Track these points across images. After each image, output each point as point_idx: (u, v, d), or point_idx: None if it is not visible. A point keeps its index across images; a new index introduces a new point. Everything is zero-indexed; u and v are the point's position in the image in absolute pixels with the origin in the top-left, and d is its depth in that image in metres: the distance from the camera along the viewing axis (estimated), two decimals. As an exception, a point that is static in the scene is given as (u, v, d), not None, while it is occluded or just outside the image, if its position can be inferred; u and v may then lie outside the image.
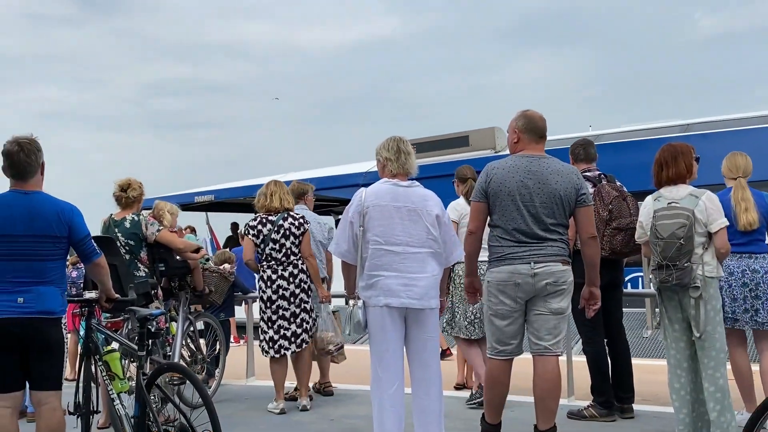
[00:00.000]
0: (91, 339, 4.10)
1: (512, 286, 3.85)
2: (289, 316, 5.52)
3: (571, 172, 3.98)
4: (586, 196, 3.97)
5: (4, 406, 3.63)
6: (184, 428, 3.47)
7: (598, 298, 4.08)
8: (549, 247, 3.87)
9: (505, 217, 3.90)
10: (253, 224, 5.61)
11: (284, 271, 5.53)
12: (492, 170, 3.99)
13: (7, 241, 3.58)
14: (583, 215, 3.94)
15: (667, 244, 3.97)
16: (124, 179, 5.44)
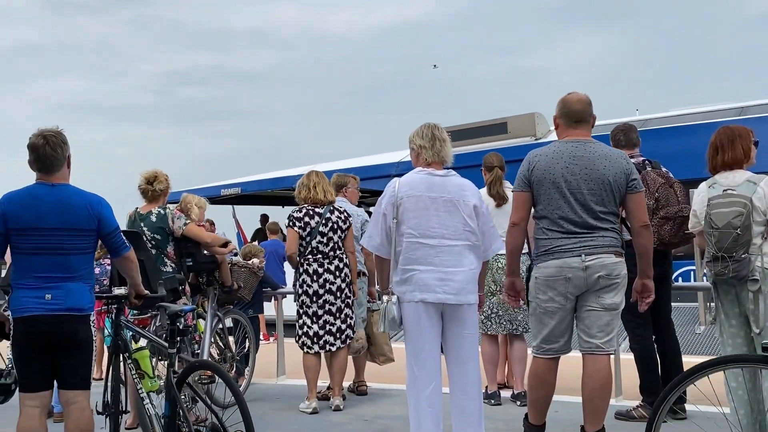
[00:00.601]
0: (120, 336, 4.15)
1: (562, 281, 3.78)
2: (335, 311, 5.55)
3: (620, 157, 3.90)
4: (637, 181, 3.88)
5: (33, 406, 3.67)
6: (215, 428, 3.50)
7: (652, 291, 3.99)
8: (600, 237, 3.78)
9: (550, 206, 3.83)
10: (299, 216, 5.58)
11: (330, 265, 5.55)
12: (534, 158, 3.93)
13: (36, 235, 3.62)
14: (635, 202, 3.85)
15: (723, 234, 3.85)
16: (150, 171, 5.49)
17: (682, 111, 10.47)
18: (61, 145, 3.76)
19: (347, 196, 6.18)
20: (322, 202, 5.61)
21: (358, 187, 6.50)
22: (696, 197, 4.18)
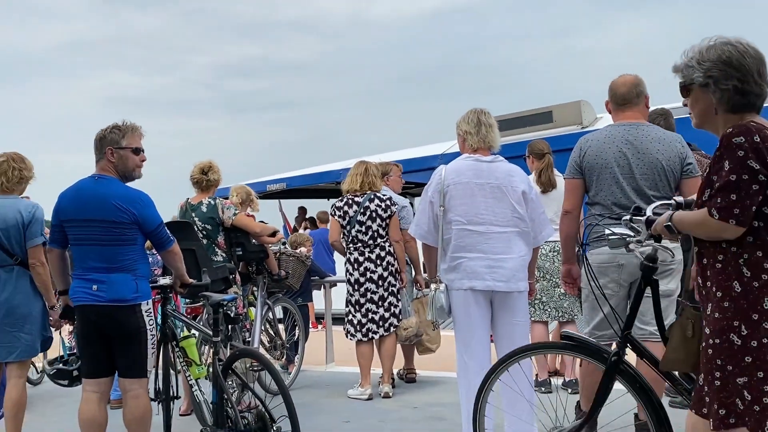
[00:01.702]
0: (167, 325, 4.18)
1: (615, 267, 3.67)
2: (378, 300, 5.55)
3: (675, 140, 3.75)
4: (693, 165, 3.73)
5: (92, 391, 3.74)
6: (262, 415, 3.49)
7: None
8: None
9: (603, 192, 3.72)
10: (340, 205, 5.65)
11: (371, 254, 5.55)
12: (586, 143, 3.82)
13: (78, 226, 3.68)
14: (690, 187, 3.67)
15: None
16: (205, 161, 5.53)
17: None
18: (99, 139, 3.81)
19: (389, 184, 6.13)
20: (362, 192, 5.62)
21: (401, 176, 6.46)
22: None
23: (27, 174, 4.47)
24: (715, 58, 2.23)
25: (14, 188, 4.41)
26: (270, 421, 3.45)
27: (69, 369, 4.02)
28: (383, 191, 5.82)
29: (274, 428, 3.42)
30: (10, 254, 4.26)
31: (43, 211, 4.42)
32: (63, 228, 3.75)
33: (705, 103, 2.30)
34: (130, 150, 3.82)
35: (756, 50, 2.25)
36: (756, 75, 2.21)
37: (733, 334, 2.15)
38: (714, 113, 2.29)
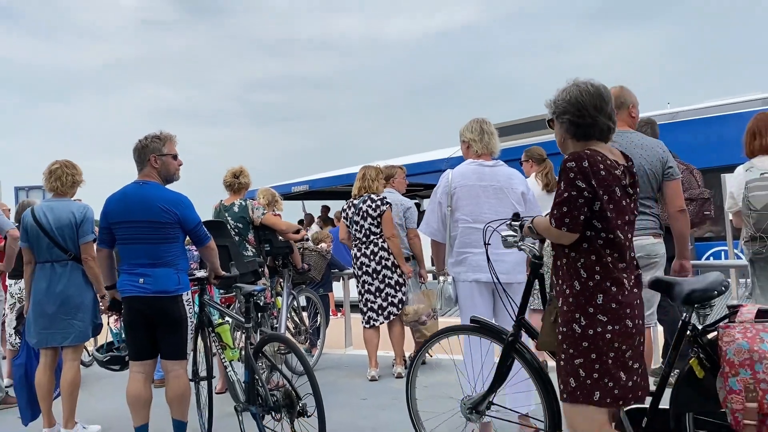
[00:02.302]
0: (204, 313, 4.20)
1: None
2: (374, 291, 5.59)
3: (657, 146, 3.71)
4: (673, 169, 3.69)
5: (139, 372, 3.77)
6: (289, 393, 3.50)
7: (690, 271, 3.80)
8: (639, 221, 3.64)
9: None
10: (344, 208, 5.83)
11: (366, 249, 5.60)
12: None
13: (126, 227, 3.70)
14: (671, 189, 3.65)
15: (761, 216, 3.66)
16: (237, 167, 5.59)
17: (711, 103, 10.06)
18: (142, 147, 3.82)
19: (395, 185, 6.11)
20: (360, 195, 5.68)
21: (405, 178, 6.43)
22: (733, 180, 3.99)
23: (78, 179, 4.50)
24: (561, 97, 2.50)
25: (67, 191, 4.45)
26: (296, 398, 3.44)
27: (122, 355, 4.07)
28: (388, 192, 5.84)
29: (299, 404, 3.41)
30: (65, 250, 4.30)
31: (93, 211, 4.45)
32: (111, 230, 3.76)
33: (559, 133, 2.56)
34: (171, 156, 3.86)
35: (597, 89, 2.46)
36: (592, 109, 2.43)
37: (575, 324, 2.39)
38: (564, 141, 2.54)
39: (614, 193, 2.37)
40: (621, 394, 2.36)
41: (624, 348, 2.36)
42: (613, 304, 2.36)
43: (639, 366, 2.41)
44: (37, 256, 4.33)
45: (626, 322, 2.36)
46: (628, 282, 2.39)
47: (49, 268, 4.30)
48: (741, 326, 2.42)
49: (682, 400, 2.55)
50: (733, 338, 2.39)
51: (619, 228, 2.39)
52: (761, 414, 2.30)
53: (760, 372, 2.31)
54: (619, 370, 2.36)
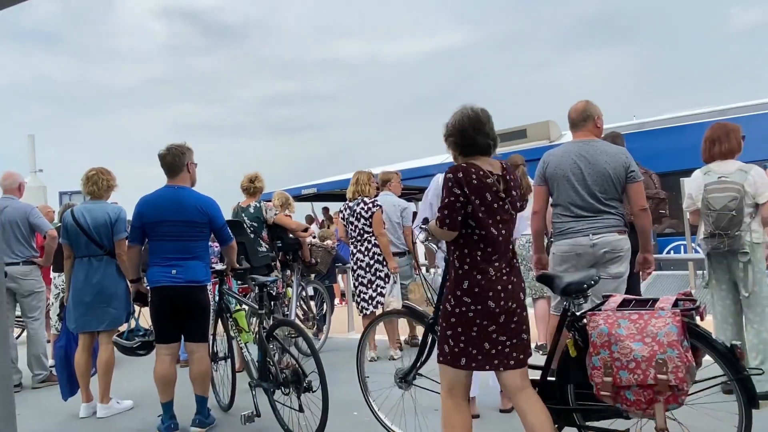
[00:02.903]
0: (223, 300, 4.25)
1: (574, 256, 3.66)
2: (366, 283, 5.60)
3: (620, 153, 3.73)
4: (635, 173, 3.71)
5: (166, 354, 3.81)
6: (296, 371, 3.54)
7: (652, 263, 3.82)
8: (605, 219, 3.64)
9: (562, 195, 3.70)
10: (342, 209, 5.82)
11: (361, 246, 5.60)
12: (548, 157, 3.82)
13: (163, 226, 3.72)
14: (634, 190, 3.66)
15: (720, 215, 3.67)
16: (252, 173, 5.61)
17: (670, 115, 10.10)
18: (180, 155, 3.85)
19: (391, 189, 6.10)
20: (354, 198, 5.66)
21: (401, 182, 6.44)
22: (691, 183, 4.00)
23: (112, 183, 4.54)
24: (449, 122, 2.66)
25: (103, 195, 4.49)
26: (303, 375, 3.47)
27: (150, 341, 4.09)
28: (385, 194, 5.85)
29: (305, 381, 3.45)
30: (100, 246, 4.34)
31: (126, 212, 4.49)
32: (144, 229, 3.77)
33: (450, 151, 2.73)
34: (195, 164, 3.93)
35: (476, 114, 2.61)
36: (471, 131, 2.59)
37: (447, 303, 2.61)
38: (455, 157, 2.70)
39: (485, 197, 2.53)
40: (485, 362, 2.55)
41: (486, 324, 2.52)
42: (476, 288, 2.52)
43: (507, 339, 2.54)
44: (76, 252, 4.38)
45: (488, 303, 2.51)
46: (495, 271, 2.54)
47: (86, 262, 4.34)
48: (605, 313, 2.58)
49: (563, 374, 2.71)
50: (597, 323, 2.55)
51: (492, 226, 2.54)
52: (616, 387, 2.46)
53: (615, 352, 2.47)
54: (483, 342, 2.53)
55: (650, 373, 2.39)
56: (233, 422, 3.97)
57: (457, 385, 2.62)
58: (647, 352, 2.41)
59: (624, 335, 2.47)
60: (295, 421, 3.55)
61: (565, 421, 2.75)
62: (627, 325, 2.49)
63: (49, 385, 5.32)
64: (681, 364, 2.36)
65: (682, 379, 2.36)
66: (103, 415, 4.32)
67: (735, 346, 2.47)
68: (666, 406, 2.41)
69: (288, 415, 3.63)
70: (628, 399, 2.47)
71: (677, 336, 2.39)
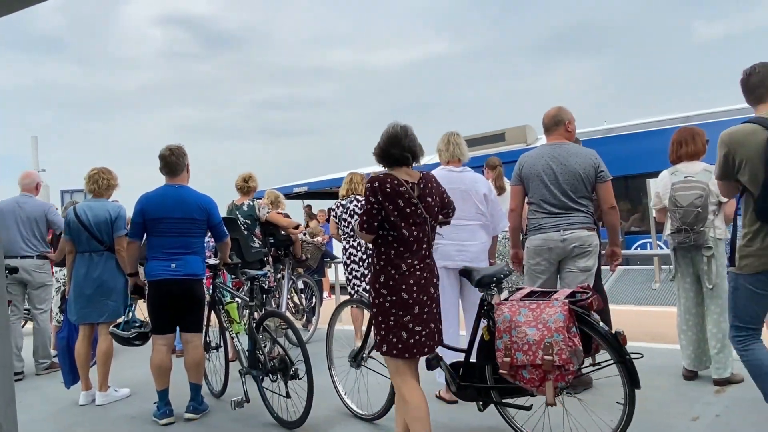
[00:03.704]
0: (216, 293, 4.23)
1: (546, 249, 3.71)
2: (360, 276, 5.56)
3: (590, 154, 3.79)
4: (604, 173, 3.76)
5: (162, 344, 3.79)
6: (283, 359, 3.54)
7: (619, 256, 3.89)
8: (575, 216, 3.69)
9: (536, 194, 3.76)
10: (334, 208, 5.74)
11: (353, 242, 5.57)
12: (523, 159, 3.88)
13: (163, 222, 3.71)
14: (602, 189, 3.73)
15: (687, 211, 3.72)
16: (246, 172, 5.59)
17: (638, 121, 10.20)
18: (182, 156, 3.84)
19: None
20: (347, 197, 5.64)
21: None
22: (659, 182, 4.04)
23: (113, 183, 4.50)
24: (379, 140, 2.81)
25: (103, 193, 4.45)
26: (290, 364, 3.48)
27: (146, 331, 4.06)
28: None
29: (292, 369, 3.45)
30: (101, 242, 4.31)
31: (126, 210, 4.46)
32: (145, 225, 3.74)
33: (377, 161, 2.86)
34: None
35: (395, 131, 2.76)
36: (389, 147, 2.75)
37: (370, 296, 2.75)
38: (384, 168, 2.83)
39: (398, 203, 2.67)
40: (404, 349, 2.67)
41: (401, 314, 2.66)
42: (391, 282, 2.67)
43: (422, 329, 2.68)
44: (78, 247, 4.34)
45: (402, 295, 2.66)
46: (408, 267, 2.68)
47: (87, 257, 4.31)
48: (510, 303, 2.78)
49: (481, 356, 2.91)
50: (502, 312, 2.77)
51: (404, 228, 2.68)
52: (514, 366, 2.68)
53: (514, 336, 2.69)
54: (400, 331, 2.66)
55: (539, 354, 2.60)
56: (225, 408, 3.97)
57: (400, 366, 2.72)
58: (538, 337, 2.62)
59: (522, 322, 2.69)
60: (283, 407, 3.55)
61: (485, 398, 2.96)
62: (526, 314, 2.70)
63: (52, 371, 5.28)
64: (565, 347, 2.56)
65: (566, 360, 2.55)
66: (101, 403, 4.29)
67: (618, 333, 2.63)
68: (555, 384, 2.60)
69: (276, 401, 3.63)
70: (524, 377, 2.67)
71: (563, 323, 2.58)
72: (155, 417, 3.79)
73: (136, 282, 3.95)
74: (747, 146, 2.67)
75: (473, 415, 3.34)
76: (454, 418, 3.48)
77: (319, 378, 3.41)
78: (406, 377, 2.73)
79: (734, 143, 2.72)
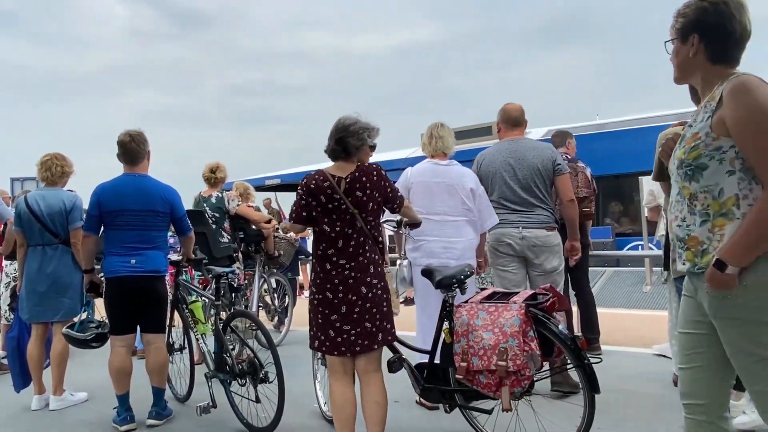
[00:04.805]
0: (179, 291, 4.21)
1: (505, 245, 3.91)
2: None
3: (546, 147, 4.02)
4: (561, 166, 3.96)
5: (121, 345, 3.76)
6: (252, 362, 3.54)
7: (578, 250, 4.11)
8: (535, 215, 3.89)
9: (496, 191, 3.93)
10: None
11: None
12: (481, 157, 4.06)
13: (124, 215, 3.67)
14: (561, 182, 3.95)
15: None
16: (213, 162, 5.54)
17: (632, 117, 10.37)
18: (143, 143, 3.81)
19: None
20: None
21: None
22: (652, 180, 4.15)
23: (68, 170, 4.43)
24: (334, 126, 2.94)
25: (57, 181, 4.38)
26: (259, 367, 3.48)
27: (104, 332, 4.01)
28: None
29: (262, 372, 3.46)
30: (55, 235, 4.25)
31: (82, 200, 4.40)
32: (102, 218, 3.70)
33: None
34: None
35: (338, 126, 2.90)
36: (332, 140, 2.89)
37: (309, 290, 2.89)
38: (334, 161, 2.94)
39: (319, 199, 2.82)
40: (332, 347, 2.81)
41: (328, 312, 2.79)
42: (317, 280, 2.83)
43: (351, 328, 2.79)
44: (30, 240, 4.27)
45: (326, 294, 2.80)
46: (332, 266, 2.81)
47: (40, 250, 4.24)
48: (469, 305, 2.87)
49: (443, 358, 2.98)
50: (461, 315, 2.85)
51: (326, 224, 2.83)
52: (471, 371, 2.76)
53: (471, 340, 2.76)
54: (327, 329, 2.81)
55: (493, 359, 2.68)
56: (191, 414, 3.95)
57: (332, 362, 2.87)
58: (493, 341, 2.70)
59: (479, 325, 2.77)
60: (253, 412, 3.55)
61: (450, 401, 3.05)
62: (484, 317, 2.78)
63: (1, 374, 5.19)
64: (520, 352, 2.64)
65: (521, 365, 2.65)
66: (56, 408, 4.24)
67: (577, 338, 2.74)
68: (511, 389, 2.69)
69: (245, 406, 3.63)
70: (481, 382, 2.76)
71: (519, 327, 2.67)
72: (115, 423, 3.76)
73: (92, 279, 3.90)
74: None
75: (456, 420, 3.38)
76: (435, 424, 3.52)
77: (292, 382, 3.42)
78: (337, 375, 2.85)
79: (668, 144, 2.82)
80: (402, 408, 3.74)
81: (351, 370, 2.88)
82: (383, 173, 2.95)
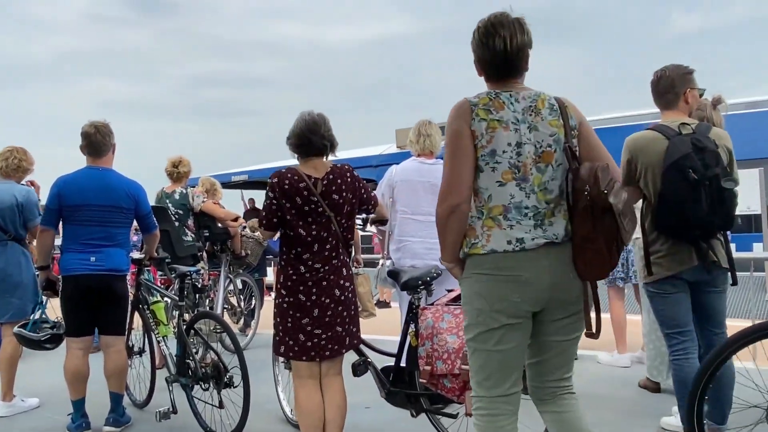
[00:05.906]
0: (140, 291, 4.20)
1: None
2: None
3: None
4: None
5: (78, 348, 3.73)
6: (216, 365, 3.56)
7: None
8: None
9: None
10: None
11: None
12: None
13: (85, 210, 3.65)
14: None
15: None
16: (176, 156, 5.52)
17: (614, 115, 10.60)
18: (109, 135, 3.80)
19: None
20: None
21: None
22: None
23: (25, 165, 4.38)
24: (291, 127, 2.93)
25: (11, 174, 4.33)
26: (224, 370, 3.50)
27: (60, 333, 3.97)
28: None
29: (226, 376, 3.48)
30: (5, 231, 4.20)
31: (35, 195, 4.36)
32: (62, 212, 3.67)
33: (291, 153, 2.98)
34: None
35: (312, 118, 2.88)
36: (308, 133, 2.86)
37: (274, 295, 2.91)
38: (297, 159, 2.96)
39: (295, 201, 2.79)
40: (300, 351, 2.83)
41: (299, 316, 2.81)
42: (288, 282, 2.83)
43: (323, 332, 2.82)
44: (-24, 236, 4.21)
45: (299, 296, 2.81)
46: (306, 269, 2.82)
47: (-12, 247, 4.19)
48: (434, 308, 2.93)
49: (408, 361, 3.05)
50: (426, 317, 2.89)
51: (301, 227, 2.81)
52: (435, 375, 2.80)
53: (435, 344, 2.81)
54: (297, 333, 2.81)
55: (457, 363, 2.71)
56: (150, 420, 3.95)
57: (298, 367, 2.90)
58: (457, 345, 2.73)
59: (444, 328, 2.80)
60: (216, 418, 3.57)
61: (415, 405, 3.10)
62: (449, 320, 2.82)
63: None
64: None
65: None
66: (5, 414, 4.19)
67: None
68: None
69: (208, 412, 3.65)
70: (446, 386, 2.79)
71: None
72: (69, 430, 3.74)
73: (48, 276, 3.86)
74: (648, 154, 2.88)
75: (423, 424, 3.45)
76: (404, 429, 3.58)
77: (257, 386, 3.45)
78: (303, 380, 2.89)
79: (636, 150, 2.92)
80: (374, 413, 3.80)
81: (317, 374, 2.92)
82: (356, 174, 2.99)
